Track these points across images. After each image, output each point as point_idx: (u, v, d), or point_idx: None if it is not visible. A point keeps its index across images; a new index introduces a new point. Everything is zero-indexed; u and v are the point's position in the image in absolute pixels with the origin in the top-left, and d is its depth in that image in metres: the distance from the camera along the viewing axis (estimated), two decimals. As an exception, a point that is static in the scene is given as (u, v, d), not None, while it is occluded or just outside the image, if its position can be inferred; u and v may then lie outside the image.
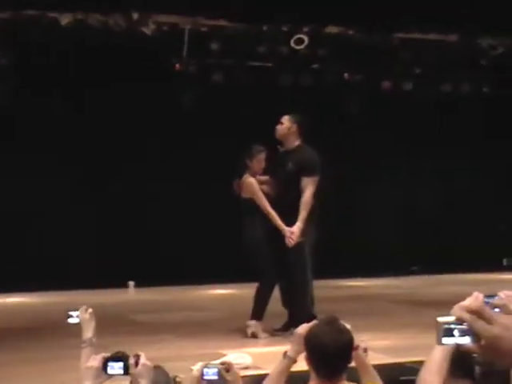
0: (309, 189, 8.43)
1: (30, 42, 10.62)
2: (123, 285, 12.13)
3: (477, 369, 3.52)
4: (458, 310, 1.68)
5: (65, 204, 11.96)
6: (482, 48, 12.60)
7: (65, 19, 10.55)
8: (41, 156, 11.79)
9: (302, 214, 8.36)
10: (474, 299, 2.18)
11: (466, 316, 1.64)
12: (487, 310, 1.64)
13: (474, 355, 2.12)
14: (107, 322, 9.05)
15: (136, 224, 12.20)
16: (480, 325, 1.63)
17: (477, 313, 1.64)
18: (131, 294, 12.12)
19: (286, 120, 8.62)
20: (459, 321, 1.66)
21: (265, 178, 8.68)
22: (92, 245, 12.07)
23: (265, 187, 8.59)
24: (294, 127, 8.60)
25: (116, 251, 12.02)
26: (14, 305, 10.99)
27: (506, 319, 1.64)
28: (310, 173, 8.47)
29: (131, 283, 12.28)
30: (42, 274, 11.27)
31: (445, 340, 1.68)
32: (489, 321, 1.63)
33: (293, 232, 8.30)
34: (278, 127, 8.62)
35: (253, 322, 8.41)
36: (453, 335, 1.67)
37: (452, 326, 1.67)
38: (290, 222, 8.36)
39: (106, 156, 12.11)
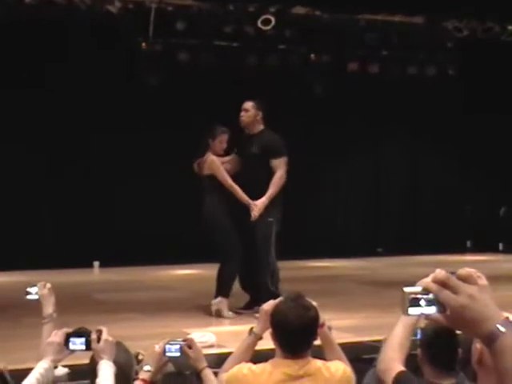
0: (281, 169, 8.48)
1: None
2: (88, 265, 12.09)
3: (460, 352, 3.54)
4: (424, 280, 1.68)
5: (31, 183, 11.87)
6: (447, 30, 12.66)
7: (29, -4, 10.43)
8: (6, 136, 11.67)
9: (271, 190, 8.41)
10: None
11: (432, 286, 1.65)
12: (453, 279, 1.65)
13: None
14: (71, 301, 9.03)
15: (102, 204, 12.16)
16: (446, 294, 1.64)
17: (442, 282, 1.64)
18: (96, 274, 12.09)
19: (250, 107, 8.61)
20: (425, 291, 1.66)
21: (227, 158, 8.69)
22: (58, 225, 12.01)
23: (226, 165, 8.62)
24: (260, 114, 8.63)
25: (81, 231, 11.98)
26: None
27: (471, 289, 1.64)
28: (278, 154, 8.52)
29: (96, 263, 12.25)
30: (7, 254, 11.18)
31: (411, 310, 1.67)
32: (454, 290, 1.64)
33: (256, 205, 8.34)
34: (244, 115, 8.61)
35: (218, 300, 8.42)
36: (419, 305, 1.66)
37: (418, 296, 1.67)
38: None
39: (70, 134, 12.02)
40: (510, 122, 14.19)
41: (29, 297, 4.05)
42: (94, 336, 3.15)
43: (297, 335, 3.74)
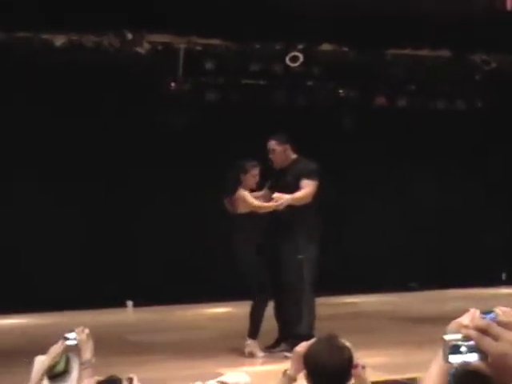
0: (308, 187, 8.31)
1: (24, 64, 10.63)
2: (121, 304, 12.11)
3: None
4: (464, 327, 1.67)
5: (60, 222, 11.92)
6: (475, 63, 12.65)
7: (59, 40, 10.57)
8: (26, 173, 11.77)
9: (296, 194, 8.18)
10: (471, 316, 2.18)
11: (473, 333, 1.63)
12: (493, 326, 1.63)
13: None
14: (105, 343, 9.03)
15: (135, 244, 12.18)
16: (487, 341, 1.62)
17: (483, 330, 1.63)
18: (129, 314, 12.10)
19: (274, 145, 8.55)
20: (466, 338, 1.65)
21: (260, 192, 8.65)
22: (90, 265, 12.04)
23: (260, 199, 8.56)
24: (287, 147, 8.58)
25: (114, 271, 12.00)
26: (9, 327, 10.92)
27: None
28: (309, 176, 8.40)
29: (129, 303, 12.26)
30: (38, 295, 11.23)
31: (452, 358, 1.66)
32: (496, 337, 1.63)
33: (281, 197, 8.14)
34: (272, 156, 8.55)
35: (250, 342, 8.39)
36: (460, 352, 1.65)
37: (459, 343, 1.65)
38: (291, 236, 8.29)
39: (102, 175, 12.09)
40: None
41: (68, 342, 4.05)
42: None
43: (331, 377, 3.73)
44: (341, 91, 12.66)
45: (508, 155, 14.12)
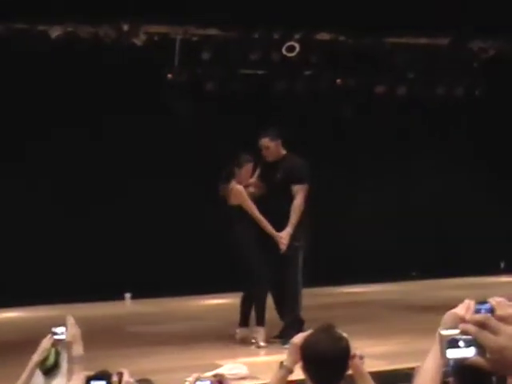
0: (299, 195, 8.57)
1: (21, 54, 10.59)
2: (120, 297, 12.10)
3: (494, 381, 3.46)
4: (461, 321, 1.64)
5: (60, 217, 11.90)
6: (473, 51, 12.61)
7: (55, 32, 10.52)
8: (35, 169, 11.75)
9: (292, 218, 8.52)
10: (466, 306, 2.15)
11: (471, 327, 1.60)
12: (492, 320, 1.60)
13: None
14: (103, 335, 9.05)
15: (132, 236, 12.15)
16: (485, 335, 1.60)
17: (481, 324, 1.60)
18: (127, 306, 12.08)
19: (267, 142, 8.72)
20: (463, 333, 1.62)
21: (251, 180, 8.77)
22: (88, 257, 12.01)
23: (250, 189, 8.73)
24: (279, 142, 8.70)
25: (112, 263, 11.97)
26: (7, 320, 10.90)
27: (510, 329, 1.60)
28: (299, 181, 8.59)
29: (127, 295, 12.25)
30: (36, 288, 11.20)
31: (449, 352, 1.63)
32: (494, 331, 1.60)
33: (282, 237, 8.41)
34: (266, 152, 8.75)
35: (255, 329, 8.48)
36: (458, 346, 1.62)
37: (457, 337, 1.62)
38: (281, 230, 8.47)
39: (101, 168, 12.05)
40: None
41: (56, 337, 3.99)
42: (115, 379, 3.11)
43: (328, 368, 3.71)
44: (338, 80, 12.59)
45: (509, 142, 14.08)
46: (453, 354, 1.63)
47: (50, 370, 4.04)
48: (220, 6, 10.51)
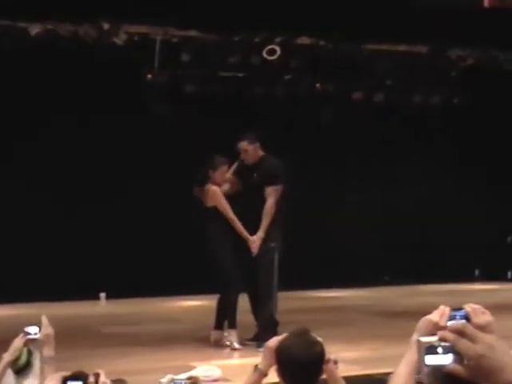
0: (271, 198, 8.61)
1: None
2: (94, 297, 12.06)
3: None
4: (439, 328, 1.65)
5: (36, 215, 11.84)
6: (451, 59, 12.68)
7: (34, 29, 10.47)
8: (9, 166, 11.69)
9: (264, 222, 8.56)
10: (441, 312, 2.17)
11: (449, 335, 1.62)
12: (470, 328, 1.62)
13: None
14: (77, 335, 9.01)
15: (107, 236, 12.11)
16: (464, 343, 1.61)
17: (459, 331, 1.62)
18: (102, 306, 12.04)
19: (246, 145, 8.76)
20: (442, 340, 1.63)
21: (227, 175, 8.85)
22: (63, 256, 11.96)
23: (225, 186, 8.80)
24: (257, 145, 8.73)
25: (87, 263, 11.93)
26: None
27: (488, 338, 1.62)
28: (272, 182, 8.64)
29: (102, 295, 12.21)
30: (11, 286, 11.14)
31: (428, 359, 1.64)
32: (472, 339, 1.61)
33: (253, 241, 8.45)
34: (245, 156, 8.79)
35: (227, 332, 8.47)
36: (436, 353, 1.63)
37: (435, 344, 1.63)
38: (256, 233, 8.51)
39: (79, 169, 12.01)
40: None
41: (28, 337, 3.96)
42: (91, 379, 3.10)
43: (302, 371, 3.72)
44: (318, 85, 12.63)
45: (486, 151, 14.16)
46: (431, 360, 1.64)
47: (21, 370, 4.01)
48: (201, 7, 10.51)
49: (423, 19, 10.72)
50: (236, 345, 8.37)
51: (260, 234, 8.50)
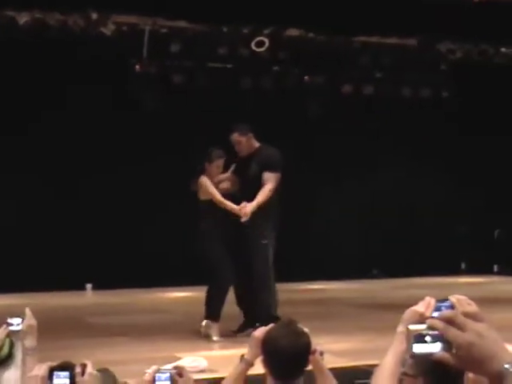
0: (270, 182, 8.42)
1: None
2: (81, 287, 12.04)
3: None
4: (421, 318, 1.64)
5: (23, 206, 11.81)
6: (440, 52, 12.68)
7: (23, 18, 10.42)
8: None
9: (259, 198, 8.30)
10: (426, 303, 2.16)
11: (438, 323, 1.61)
12: (460, 316, 1.61)
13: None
14: (63, 325, 8.99)
15: (94, 226, 12.09)
16: (453, 332, 1.60)
17: (449, 320, 1.61)
18: (88, 297, 12.02)
19: (238, 137, 8.63)
20: (431, 329, 1.62)
21: (224, 175, 8.70)
22: (49, 246, 11.93)
23: (224, 184, 8.69)
24: (250, 136, 8.64)
25: (74, 253, 11.91)
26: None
27: (478, 326, 1.61)
28: (271, 169, 8.50)
29: (89, 285, 12.19)
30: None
31: (416, 347, 1.63)
32: (461, 328, 1.60)
33: (245, 205, 8.24)
34: (238, 148, 8.65)
35: (207, 323, 8.41)
36: (424, 341, 1.62)
37: (423, 333, 1.62)
38: (256, 223, 8.33)
39: (64, 158, 11.97)
40: (505, 144, 14.20)
41: (11, 328, 3.93)
42: (78, 370, 3.09)
43: (288, 362, 3.71)
44: (306, 77, 12.61)
45: (473, 145, 14.18)
46: (419, 348, 1.63)
47: (3, 361, 3.99)
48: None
49: (413, 12, 10.70)
50: (215, 338, 8.34)
51: (253, 204, 8.23)
